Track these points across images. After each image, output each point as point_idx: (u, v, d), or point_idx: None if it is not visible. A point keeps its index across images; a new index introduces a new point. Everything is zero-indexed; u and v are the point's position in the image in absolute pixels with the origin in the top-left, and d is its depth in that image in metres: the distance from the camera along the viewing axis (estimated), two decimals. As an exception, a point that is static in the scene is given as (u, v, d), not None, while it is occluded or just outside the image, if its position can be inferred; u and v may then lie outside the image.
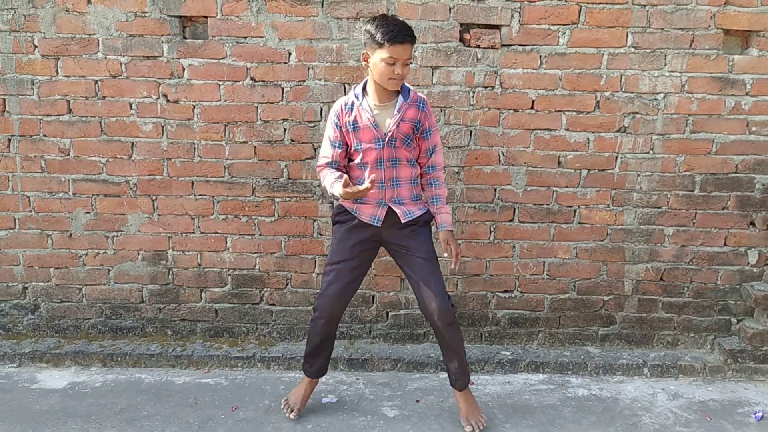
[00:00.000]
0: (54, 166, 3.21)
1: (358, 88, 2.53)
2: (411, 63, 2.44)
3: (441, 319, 2.58)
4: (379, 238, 2.64)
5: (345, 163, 2.61)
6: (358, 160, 2.56)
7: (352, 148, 2.55)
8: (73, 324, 3.41)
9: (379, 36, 2.30)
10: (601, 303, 3.39)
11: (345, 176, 2.41)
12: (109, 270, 3.35)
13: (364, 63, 2.43)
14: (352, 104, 2.51)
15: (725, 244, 3.29)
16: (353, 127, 2.50)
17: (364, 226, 2.60)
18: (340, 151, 2.55)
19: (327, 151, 2.57)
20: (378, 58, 2.34)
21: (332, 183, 2.48)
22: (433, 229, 2.70)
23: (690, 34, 3.03)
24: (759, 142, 3.15)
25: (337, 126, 2.53)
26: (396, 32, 2.29)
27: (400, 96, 2.50)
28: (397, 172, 2.55)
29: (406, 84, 2.53)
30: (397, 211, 2.55)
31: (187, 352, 3.27)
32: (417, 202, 2.63)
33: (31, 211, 3.27)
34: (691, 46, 3.04)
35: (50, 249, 3.32)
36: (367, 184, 2.33)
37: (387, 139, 2.49)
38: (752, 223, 3.26)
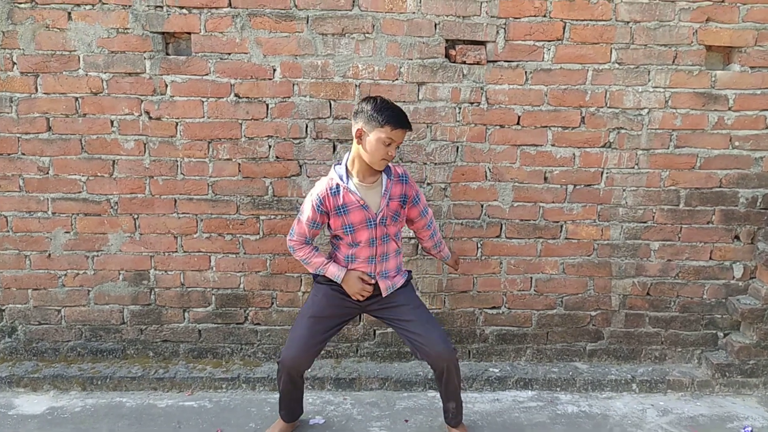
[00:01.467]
0: (33, 185, 3.14)
1: (341, 169, 2.52)
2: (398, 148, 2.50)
3: (447, 361, 2.59)
4: (361, 306, 2.64)
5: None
6: (348, 241, 2.55)
7: (340, 230, 2.53)
8: (51, 347, 3.32)
9: (382, 118, 2.36)
10: (589, 318, 3.38)
11: (360, 273, 2.55)
12: (89, 291, 3.27)
13: (356, 139, 2.43)
14: (338, 186, 2.49)
15: (711, 258, 3.30)
16: (344, 211, 2.49)
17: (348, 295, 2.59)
18: (317, 231, 2.58)
19: (304, 230, 2.55)
20: (376, 137, 2.37)
21: (324, 267, 2.56)
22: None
23: (673, 50, 3.05)
24: (742, 156, 3.18)
25: (318, 209, 2.50)
26: (399, 117, 2.39)
27: (383, 174, 2.53)
28: (387, 248, 2.58)
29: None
30: (381, 286, 2.58)
31: (170, 375, 3.19)
32: (400, 273, 2.67)
33: (8, 231, 3.19)
34: (674, 62, 3.06)
35: (28, 270, 3.23)
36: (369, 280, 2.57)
37: (378, 219, 2.51)
38: (737, 237, 3.27)
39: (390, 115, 2.37)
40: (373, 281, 2.57)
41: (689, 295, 3.34)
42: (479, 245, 3.27)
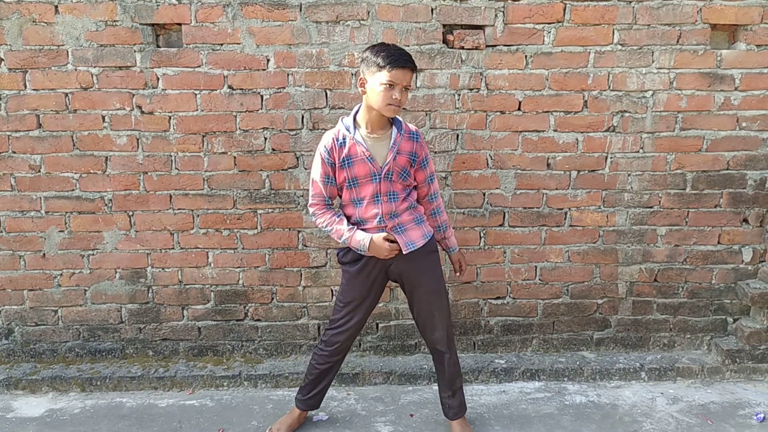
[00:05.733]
0: (24, 184, 3.08)
1: (348, 120, 2.42)
2: (410, 90, 2.33)
3: (444, 345, 2.59)
4: (386, 269, 2.54)
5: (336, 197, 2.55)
6: (351, 196, 2.45)
7: (344, 184, 2.44)
8: (49, 348, 3.27)
9: (380, 60, 2.24)
10: (595, 306, 3.31)
11: (384, 234, 2.43)
12: (85, 290, 3.21)
13: (360, 89, 2.34)
14: (344, 138, 2.39)
15: (719, 243, 3.23)
16: (348, 163, 2.39)
17: (371, 261, 2.50)
18: (333, 187, 2.47)
19: (320, 189, 2.46)
20: (377, 81, 2.26)
21: (349, 233, 2.43)
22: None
23: (677, 29, 2.97)
24: (749, 137, 3.10)
25: (328, 162, 2.41)
26: (397, 56, 2.25)
27: (393, 127, 2.42)
28: (395, 206, 2.45)
29: (398, 117, 2.45)
30: (398, 240, 2.46)
31: (170, 373, 3.14)
32: (420, 226, 2.53)
33: (1, 232, 3.13)
34: (678, 41, 2.99)
35: (23, 270, 3.18)
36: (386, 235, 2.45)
37: (384, 173, 2.40)
38: (745, 220, 3.21)
39: (387, 55, 2.23)
40: (392, 236, 2.45)
41: (698, 281, 3.28)
42: (482, 235, 3.21)
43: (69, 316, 3.24)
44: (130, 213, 3.13)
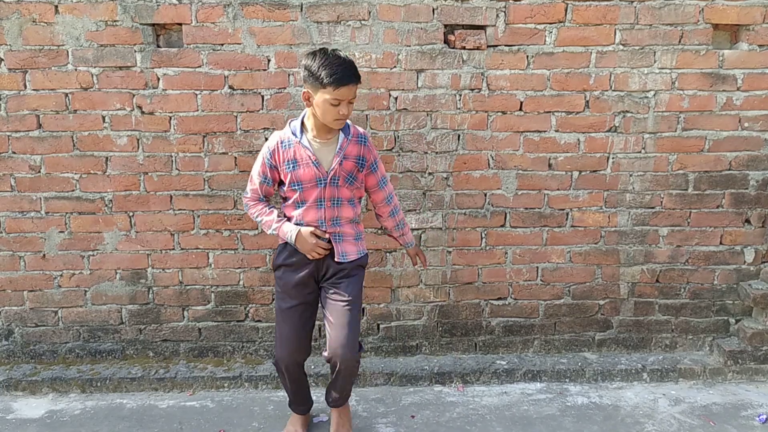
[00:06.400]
0: (24, 184, 3.07)
1: (296, 123, 2.40)
2: (354, 102, 2.31)
3: (344, 365, 2.48)
4: (317, 274, 2.51)
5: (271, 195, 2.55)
6: (295, 197, 2.43)
7: (288, 188, 2.42)
8: (49, 349, 3.26)
9: (323, 77, 2.19)
10: (597, 307, 3.30)
11: (313, 229, 2.42)
12: (85, 291, 3.20)
13: (305, 102, 2.30)
14: (290, 141, 2.37)
15: (721, 243, 3.22)
16: (292, 166, 2.37)
17: (304, 265, 2.48)
18: (269, 187, 2.47)
19: (256, 187, 2.48)
20: (321, 99, 2.23)
21: (277, 224, 2.45)
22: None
23: (679, 29, 2.97)
24: (752, 137, 3.10)
25: (268, 163, 2.41)
26: (341, 74, 2.20)
27: (341, 132, 2.40)
28: (338, 212, 2.45)
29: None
30: (335, 247, 2.46)
31: (171, 374, 3.13)
32: (358, 243, 2.54)
33: (1, 232, 3.12)
34: (680, 41, 2.98)
35: (23, 271, 3.17)
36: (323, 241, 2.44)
37: (329, 177, 2.38)
38: (747, 221, 3.20)
39: (330, 73, 2.18)
40: (326, 235, 2.44)
41: (699, 281, 3.27)
42: (483, 235, 3.20)
43: (69, 317, 3.23)
44: (131, 213, 3.12)
